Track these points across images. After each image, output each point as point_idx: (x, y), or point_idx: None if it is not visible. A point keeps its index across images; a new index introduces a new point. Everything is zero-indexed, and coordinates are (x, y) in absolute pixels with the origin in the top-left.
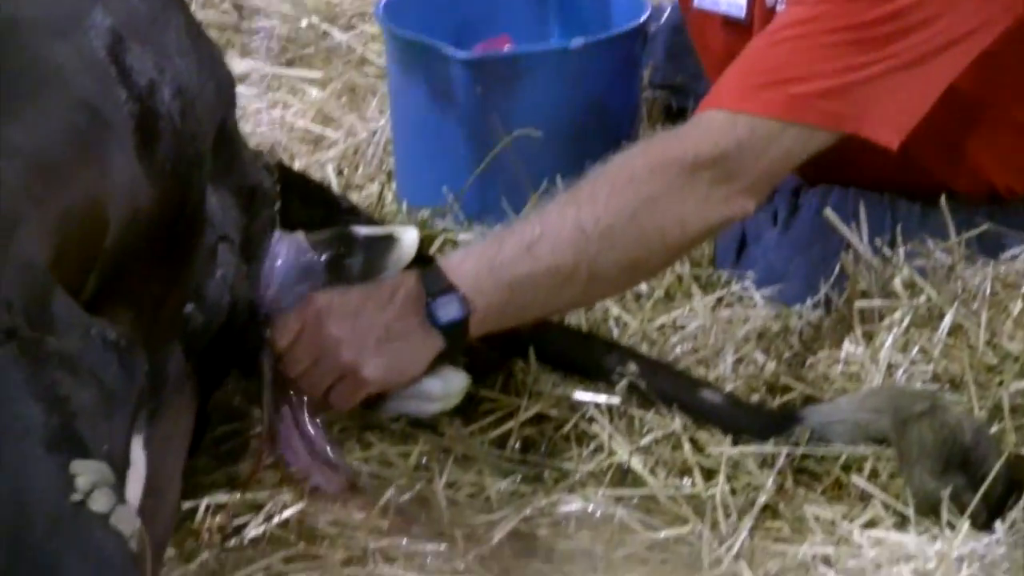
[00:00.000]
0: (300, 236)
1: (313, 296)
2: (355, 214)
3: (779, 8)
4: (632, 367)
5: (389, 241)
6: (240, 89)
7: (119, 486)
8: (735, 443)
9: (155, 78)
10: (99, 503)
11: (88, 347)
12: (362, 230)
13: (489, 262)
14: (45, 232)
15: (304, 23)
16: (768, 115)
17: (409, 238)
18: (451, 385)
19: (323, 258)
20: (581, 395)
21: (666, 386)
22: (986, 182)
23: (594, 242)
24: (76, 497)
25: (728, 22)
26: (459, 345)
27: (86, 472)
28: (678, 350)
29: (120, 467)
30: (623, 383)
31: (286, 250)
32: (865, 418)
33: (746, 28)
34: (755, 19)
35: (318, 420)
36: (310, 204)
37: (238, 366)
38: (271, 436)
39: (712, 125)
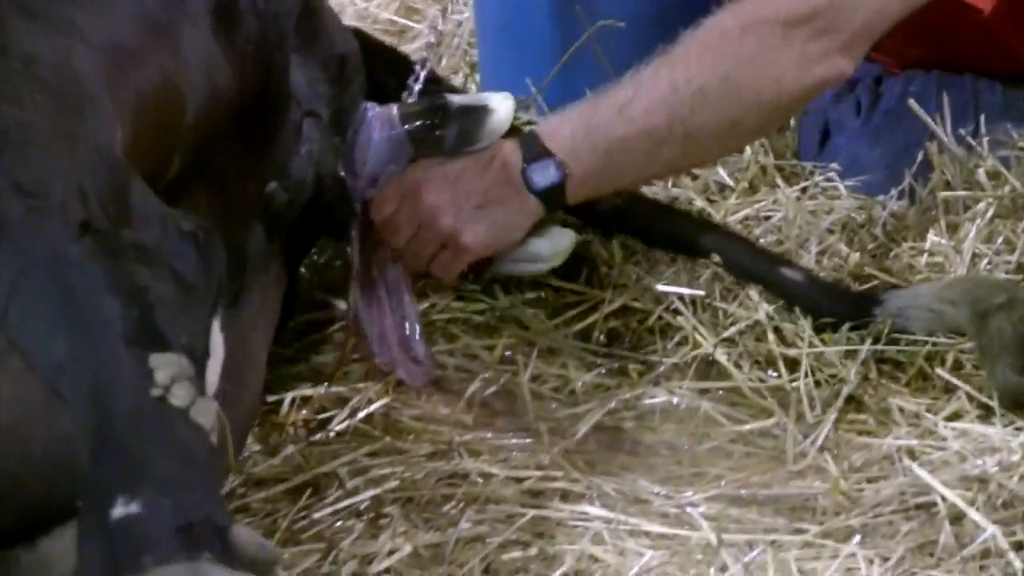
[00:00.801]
0: (393, 108)
1: (411, 167)
2: (439, 83)
3: None
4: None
5: (483, 111)
6: None
7: (199, 379)
8: (819, 331)
9: None
10: (179, 397)
11: (165, 238)
12: (455, 99)
13: (584, 126)
14: (120, 116)
15: None
16: None
17: (504, 108)
18: (558, 243)
19: (417, 129)
20: (665, 287)
21: (747, 262)
22: None
23: (687, 102)
24: (156, 392)
25: None
26: (557, 209)
27: (165, 366)
28: (762, 242)
29: (200, 359)
30: (706, 273)
31: (380, 124)
32: (943, 308)
33: None
34: None
35: (408, 306)
36: (396, 73)
37: (329, 233)
38: (358, 325)
39: None
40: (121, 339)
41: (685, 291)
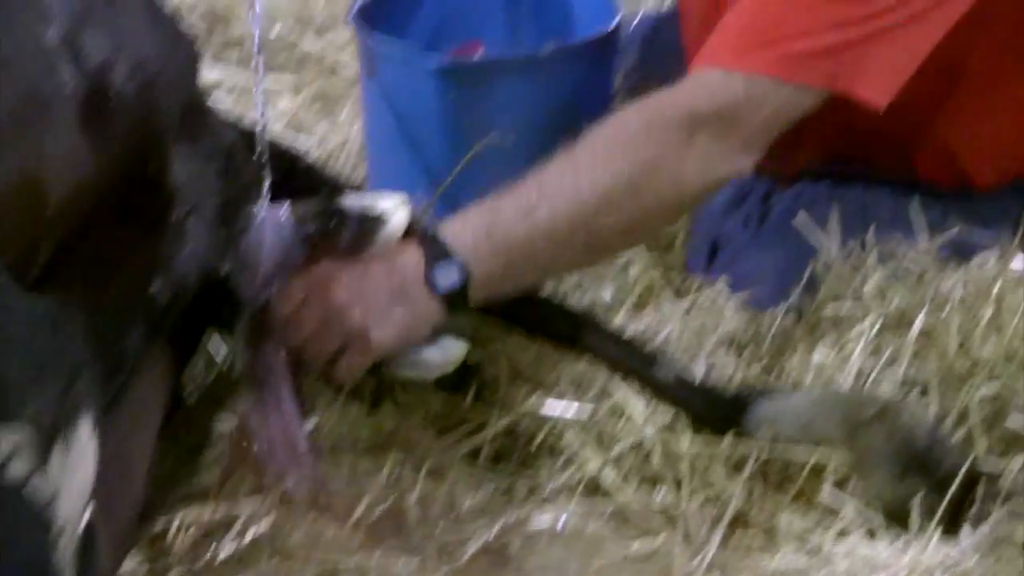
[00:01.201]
0: (286, 209)
1: (316, 265)
2: (334, 182)
3: None
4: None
5: (378, 220)
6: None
7: (44, 453)
8: (705, 446)
9: (109, 56)
10: (17, 468)
11: (21, 317)
12: (350, 203)
13: (487, 228)
14: None
15: (276, 30)
16: (765, 73)
17: (398, 216)
18: (448, 353)
19: (310, 233)
20: (552, 407)
21: (622, 359)
22: (959, 169)
23: (591, 207)
24: None
25: None
26: (458, 312)
27: (6, 436)
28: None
29: (49, 434)
30: (592, 393)
31: (272, 225)
32: (813, 418)
33: None
34: None
35: (295, 412)
36: (288, 170)
37: (217, 327)
38: (245, 430)
39: (708, 82)
40: None
41: (572, 410)
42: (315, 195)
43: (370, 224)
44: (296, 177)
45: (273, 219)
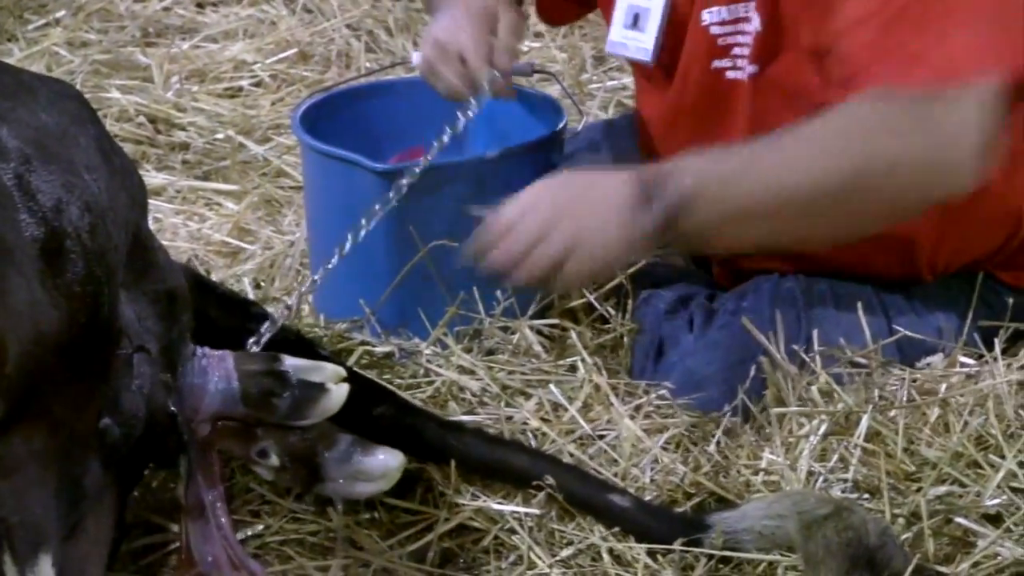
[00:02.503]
0: (230, 360)
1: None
2: (267, 319)
3: (713, 29)
4: (547, 475)
5: (319, 389)
6: (156, 203)
7: None
8: (653, 552)
9: (63, 197)
10: None
11: None
12: (293, 367)
13: (717, 173)
14: None
15: (220, 136)
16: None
17: (339, 391)
18: (389, 464)
19: (252, 390)
20: (500, 506)
21: (576, 490)
22: (910, 264)
23: (820, 190)
24: None
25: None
26: (672, 242)
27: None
28: (596, 461)
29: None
30: (540, 495)
31: (215, 373)
32: (771, 524)
33: (661, 69)
34: (680, 51)
35: (234, 534)
36: (226, 311)
37: (158, 462)
38: (189, 552)
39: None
40: None
41: (520, 510)
42: (233, 320)
43: (309, 394)
44: (213, 306)
45: (219, 367)
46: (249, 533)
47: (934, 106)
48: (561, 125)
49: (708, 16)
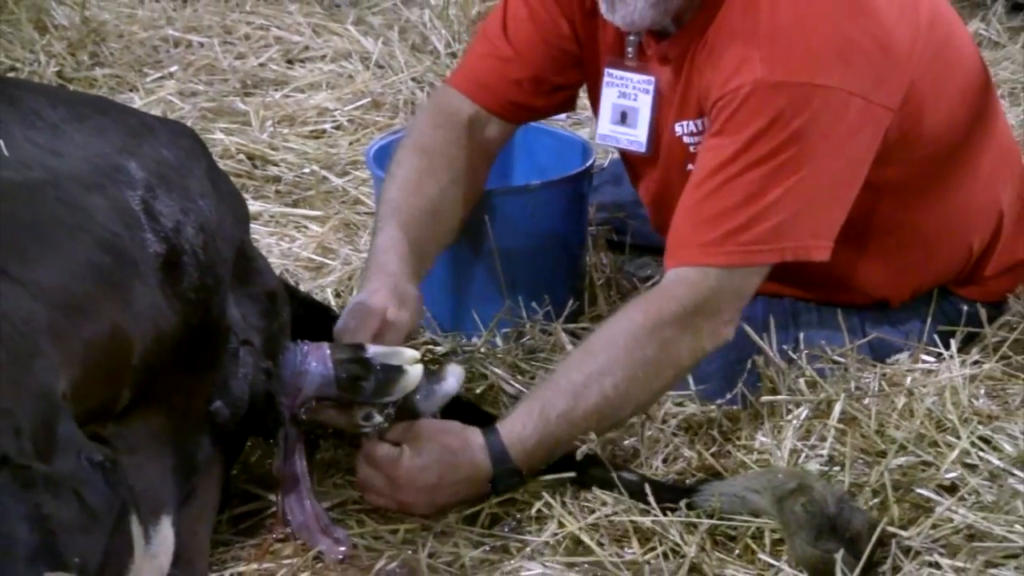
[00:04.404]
0: (326, 348)
1: (399, 460)
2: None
3: (686, 139)
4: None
5: (398, 371)
6: (254, 226)
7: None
8: (663, 513)
9: (180, 219)
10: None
11: (78, 468)
12: (376, 354)
13: (539, 436)
14: (68, 363)
15: (307, 170)
16: (732, 265)
17: (415, 371)
18: (458, 376)
19: (344, 372)
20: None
21: (595, 471)
22: (872, 295)
23: (615, 403)
24: None
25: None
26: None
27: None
28: (626, 442)
29: (93, 572)
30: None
31: (315, 359)
32: (749, 496)
33: (652, 158)
34: (661, 148)
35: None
36: (311, 314)
37: (260, 435)
38: (284, 515)
39: (689, 280)
40: (23, 558)
41: (550, 476)
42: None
43: (390, 376)
44: (305, 310)
45: (317, 355)
46: (334, 502)
47: (706, 287)
48: (590, 162)
49: (680, 128)
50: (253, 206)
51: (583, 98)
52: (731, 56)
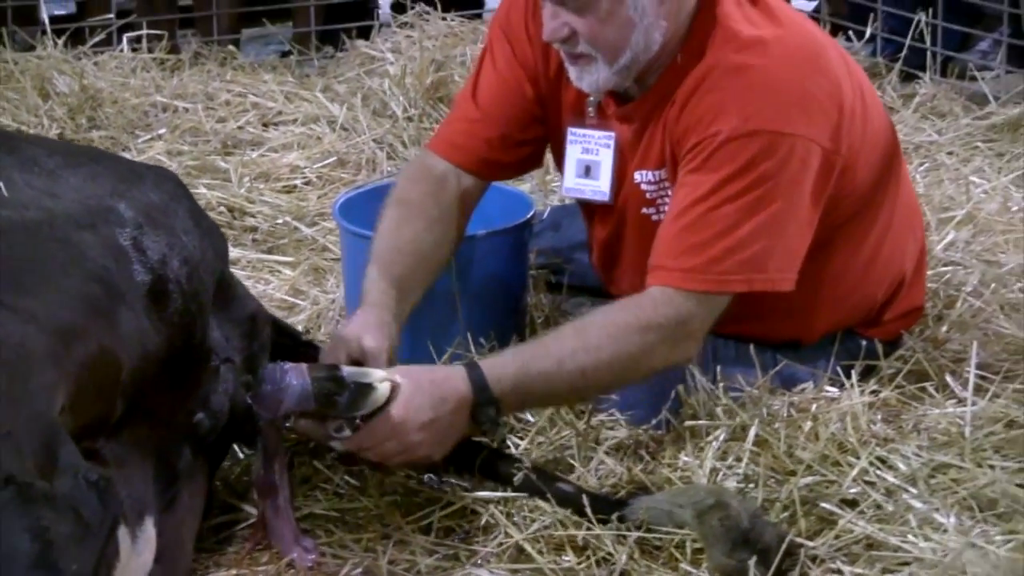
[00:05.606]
0: (304, 367)
1: (394, 410)
2: (313, 346)
3: (644, 187)
4: (519, 472)
5: (369, 388)
6: (232, 270)
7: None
8: (598, 524)
9: (166, 253)
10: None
11: (74, 488)
12: (348, 373)
13: (519, 383)
14: (64, 382)
15: (280, 221)
16: (708, 291)
17: (383, 387)
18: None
19: (320, 388)
20: (486, 493)
21: (535, 482)
22: (784, 336)
23: (590, 381)
24: None
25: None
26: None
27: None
28: (565, 454)
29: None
30: (519, 477)
31: (295, 376)
32: (673, 510)
33: (610, 205)
34: (619, 195)
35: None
36: (287, 336)
37: (241, 442)
38: (263, 524)
39: (673, 301)
40: (24, 567)
41: (497, 496)
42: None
43: (362, 392)
44: (281, 336)
45: (296, 372)
46: (303, 513)
47: (686, 309)
48: (530, 214)
49: (639, 176)
50: (233, 252)
51: None
52: (707, 107)
